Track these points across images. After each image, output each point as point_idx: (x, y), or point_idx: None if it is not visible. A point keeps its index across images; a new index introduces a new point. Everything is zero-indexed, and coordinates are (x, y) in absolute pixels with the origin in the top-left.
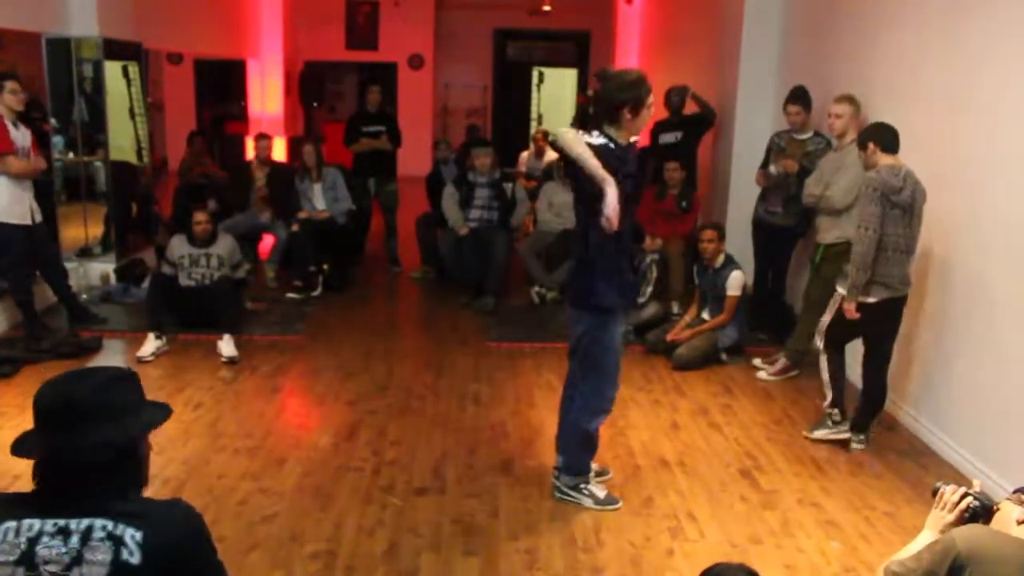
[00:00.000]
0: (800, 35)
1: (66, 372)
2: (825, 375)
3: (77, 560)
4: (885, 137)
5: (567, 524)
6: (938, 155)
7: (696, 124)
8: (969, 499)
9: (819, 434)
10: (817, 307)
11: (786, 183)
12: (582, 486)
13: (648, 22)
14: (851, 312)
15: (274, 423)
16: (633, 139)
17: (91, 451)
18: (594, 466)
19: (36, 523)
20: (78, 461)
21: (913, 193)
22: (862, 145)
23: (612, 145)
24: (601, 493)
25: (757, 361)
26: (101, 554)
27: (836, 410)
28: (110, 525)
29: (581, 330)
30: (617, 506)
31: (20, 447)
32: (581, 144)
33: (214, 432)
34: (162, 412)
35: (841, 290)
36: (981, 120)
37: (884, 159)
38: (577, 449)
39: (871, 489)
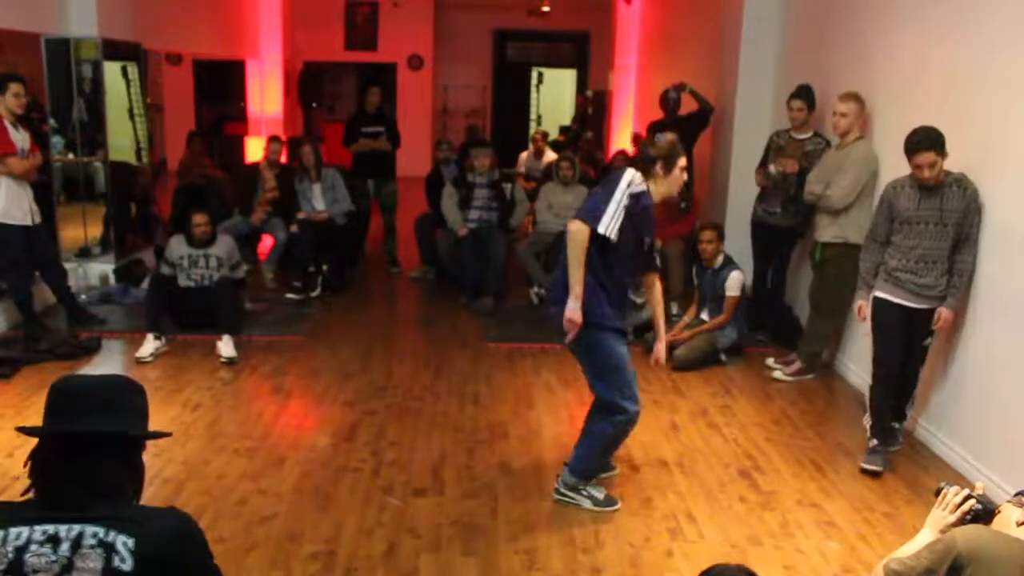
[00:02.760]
0: (799, 34)
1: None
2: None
3: (68, 568)
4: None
5: (566, 525)
6: None
7: (692, 124)
8: (971, 501)
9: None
10: (829, 310)
11: (785, 183)
12: (582, 487)
13: (647, 22)
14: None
15: (273, 424)
16: (667, 198)
17: (94, 428)
18: None
19: (24, 531)
20: (80, 442)
21: None
22: (941, 152)
23: (648, 192)
24: (600, 494)
25: (770, 361)
26: (92, 561)
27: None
28: (101, 532)
29: (582, 358)
30: (616, 507)
31: (28, 429)
32: (574, 257)
33: (213, 433)
34: (161, 432)
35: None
36: (981, 120)
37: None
38: (598, 454)
39: (870, 490)
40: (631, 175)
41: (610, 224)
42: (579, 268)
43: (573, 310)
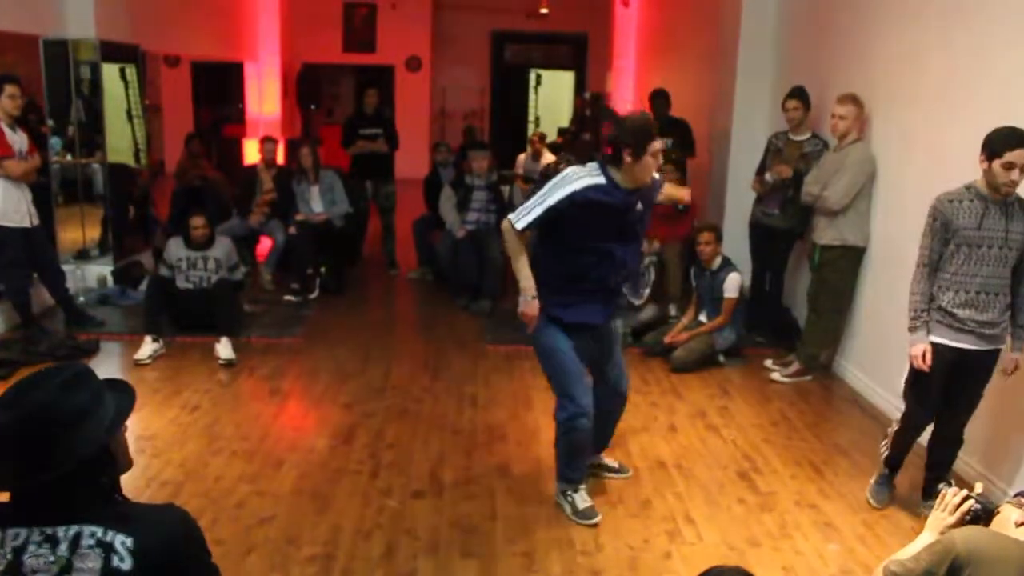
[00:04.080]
0: (797, 37)
1: (15, 384)
2: None
3: (66, 569)
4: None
5: (565, 527)
6: (936, 155)
7: (684, 130)
8: (970, 502)
9: None
10: (828, 312)
11: (782, 186)
12: (567, 493)
13: (645, 24)
14: None
15: (271, 425)
16: (642, 185)
17: (59, 470)
18: (612, 463)
19: (22, 532)
20: (47, 479)
21: None
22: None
23: (604, 184)
24: (581, 504)
25: (768, 362)
26: (91, 562)
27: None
28: (99, 532)
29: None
30: (591, 521)
31: None
32: (511, 252)
33: (211, 434)
34: (126, 399)
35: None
36: (980, 122)
37: None
38: (563, 459)
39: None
40: (564, 173)
41: (523, 218)
42: (517, 261)
43: (525, 303)
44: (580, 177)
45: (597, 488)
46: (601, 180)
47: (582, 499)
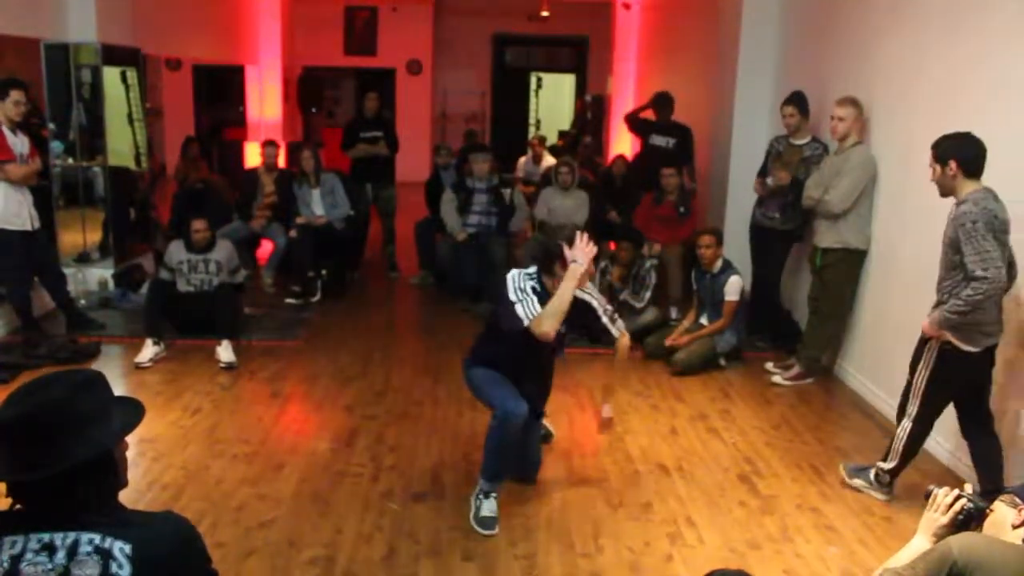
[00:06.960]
0: (798, 39)
1: (28, 382)
2: (902, 443)
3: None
4: (967, 155)
5: (566, 530)
6: None
7: (685, 134)
8: (963, 501)
9: (857, 483)
10: (829, 315)
11: (782, 189)
12: (480, 494)
13: (646, 27)
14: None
15: (272, 428)
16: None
17: (61, 466)
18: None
19: (19, 540)
20: (50, 477)
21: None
22: (941, 161)
23: (539, 291)
24: (486, 511)
25: (769, 365)
26: (89, 569)
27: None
28: (97, 538)
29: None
30: (488, 533)
31: None
32: (554, 309)
33: (212, 438)
34: (134, 413)
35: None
36: (979, 122)
37: (968, 186)
38: (489, 454)
39: (869, 494)
40: (516, 274)
41: (529, 311)
42: (560, 302)
43: (579, 267)
44: (531, 277)
45: (598, 490)
46: (536, 286)
47: (488, 508)
